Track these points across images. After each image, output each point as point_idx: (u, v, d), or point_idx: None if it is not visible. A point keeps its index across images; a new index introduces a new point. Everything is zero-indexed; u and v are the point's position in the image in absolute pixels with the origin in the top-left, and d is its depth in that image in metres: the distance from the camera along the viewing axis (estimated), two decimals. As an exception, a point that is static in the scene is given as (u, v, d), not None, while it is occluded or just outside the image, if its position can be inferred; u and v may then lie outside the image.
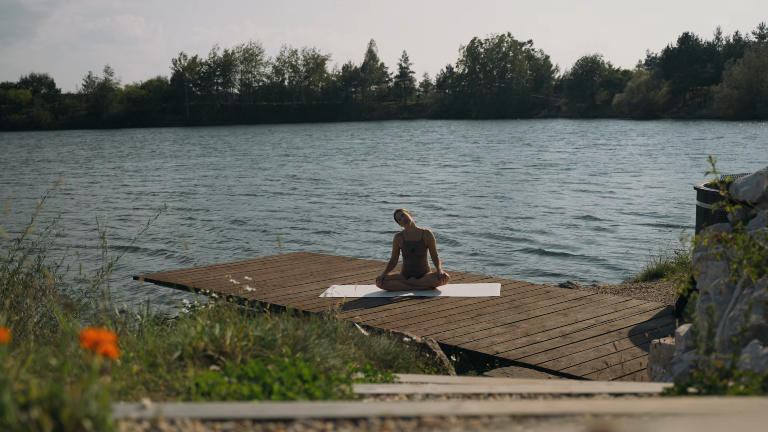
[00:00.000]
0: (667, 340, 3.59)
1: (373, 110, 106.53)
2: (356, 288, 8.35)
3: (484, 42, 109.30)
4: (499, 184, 25.07)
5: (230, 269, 9.82)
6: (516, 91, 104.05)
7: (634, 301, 7.52)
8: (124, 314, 3.60)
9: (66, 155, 46.18)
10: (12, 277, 4.45)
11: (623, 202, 20.03)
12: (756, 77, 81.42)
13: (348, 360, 2.85)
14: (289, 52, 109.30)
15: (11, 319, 4.04)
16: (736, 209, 3.27)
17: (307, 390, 1.98)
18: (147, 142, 59.10)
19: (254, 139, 60.82)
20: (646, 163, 31.96)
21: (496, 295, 7.87)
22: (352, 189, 24.73)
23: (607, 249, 13.90)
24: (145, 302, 3.67)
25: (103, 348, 1.37)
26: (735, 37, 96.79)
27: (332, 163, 35.93)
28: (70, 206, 21.71)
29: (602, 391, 2.08)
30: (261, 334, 2.38)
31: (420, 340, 4.85)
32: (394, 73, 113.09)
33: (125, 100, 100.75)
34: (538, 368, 5.57)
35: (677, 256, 9.42)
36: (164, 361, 2.16)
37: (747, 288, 2.63)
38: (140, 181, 29.40)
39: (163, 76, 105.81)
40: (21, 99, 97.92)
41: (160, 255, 14.29)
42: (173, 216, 19.42)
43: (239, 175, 30.86)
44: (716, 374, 1.97)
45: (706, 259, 3.26)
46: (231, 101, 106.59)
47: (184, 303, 4.14)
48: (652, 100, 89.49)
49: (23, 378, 1.47)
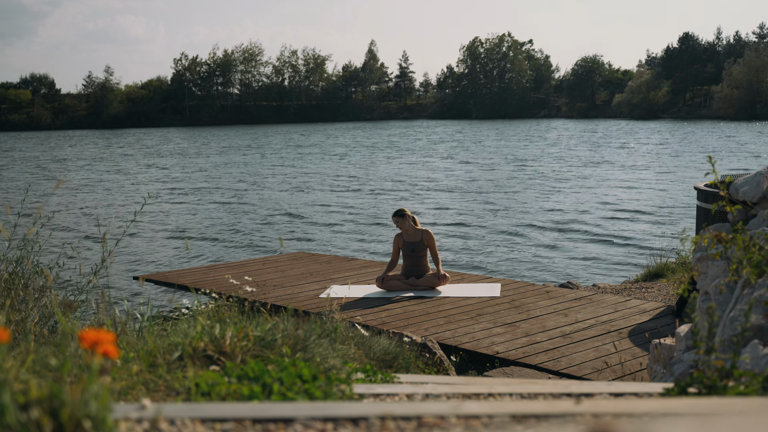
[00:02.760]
0: (668, 341, 3.59)
1: (373, 110, 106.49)
2: (355, 288, 8.35)
3: (485, 42, 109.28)
4: (499, 184, 25.07)
5: (230, 269, 9.83)
6: (516, 91, 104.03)
7: (634, 301, 7.51)
8: (124, 314, 3.60)
9: (70, 155, 46.19)
10: (12, 277, 4.45)
11: (623, 201, 20.03)
12: (756, 77, 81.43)
13: (348, 360, 2.85)
14: (289, 51, 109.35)
15: (11, 319, 4.04)
16: (736, 209, 3.27)
17: (307, 390, 1.98)
18: (158, 142, 59.10)
19: (255, 139, 60.81)
20: (646, 162, 31.96)
21: (496, 295, 7.87)
22: (352, 189, 24.73)
23: (607, 249, 13.90)
24: (145, 302, 3.67)
25: (102, 348, 1.37)
26: (735, 37, 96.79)
27: (332, 162, 35.94)
28: (70, 207, 21.71)
29: (602, 391, 2.08)
30: (261, 334, 2.38)
31: (420, 340, 4.85)
32: (394, 73, 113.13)
33: (125, 100, 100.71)
34: (538, 368, 5.57)
35: (677, 256, 9.42)
36: (164, 361, 2.16)
37: (747, 288, 2.63)
38: (148, 179, 29.41)
39: (163, 76, 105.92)
40: (21, 99, 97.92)
41: (160, 255, 14.30)
42: (173, 216, 19.43)
43: (239, 175, 30.87)
44: (716, 374, 1.97)
45: (706, 259, 3.26)
46: (231, 101, 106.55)
47: (184, 303, 4.15)
48: (652, 100, 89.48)
49: (23, 378, 1.47)
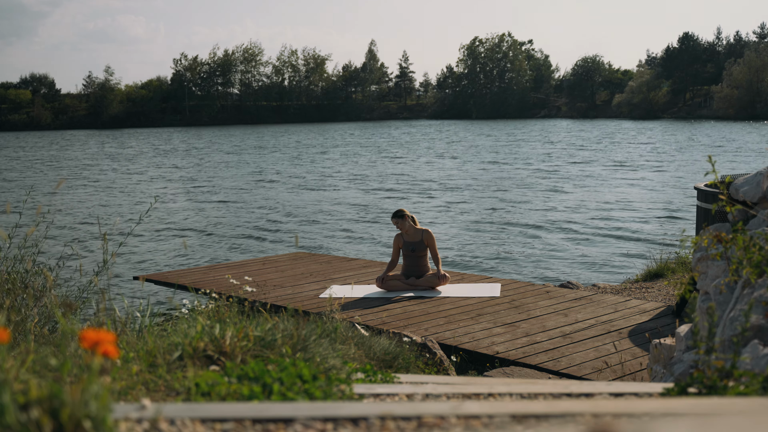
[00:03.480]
0: (668, 341, 3.59)
1: (373, 110, 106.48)
2: (355, 288, 8.35)
3: (485, 41, 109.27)
4: (499, 184, 25.07)
5: (230, 269, 9.83)
6: (516, 91, 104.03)
7: (634, 301, 7.51)
8: (124, 314, 3.60)
9: (71, 155, 46.20)
10: (12, 277, 4.45)
11: (623, 201, 20.03)
12: (756, 77, 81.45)
13: (348, 360, 2.84)
14: (289, 51, 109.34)
15: (11, 319, 4.04)
16: (736, 209, 3.26)
17: (307, 390, 1.98)
18: (158, 142, 59.08)
19: (255, 139, 60.80)
20: (646, 162, 31.96)
21: (496, 295, 7.87)
22: (352, 189, 24.73)
23: (607, 249, 13.90)
24: (145, 302, 3.67)
25: (102, 348, 1.37)
26: (735, 36, 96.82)
27: (332, 162, 35.93)
28: (70, 206, 21.71)
29: (602, 392, 2.08)
30: (261, 334, 2.38)
31: (420, 340, 4.85)
32: (394, 73, 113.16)
33: (125, 100, 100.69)
34: (538, 368, 5.57)
35: (677, 257, 9.42)
36: (164, 361, 2.16)
37: (747, 288, 2.63)
38: (146, 180, 29.40)
39: (163, 76, 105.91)
40: (21, 99, 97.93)
41: (160, 255, 14.29)
42: (173, 216, 19.42)
43: (240, 174, 30.86)
44: (716, 374, 1.97)
45: (706, 259, 3.26)
46: (231, 101, 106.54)
47: (184, 303, 4.15)
48: (652, 100, 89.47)
49: (23, 378, 1.47)
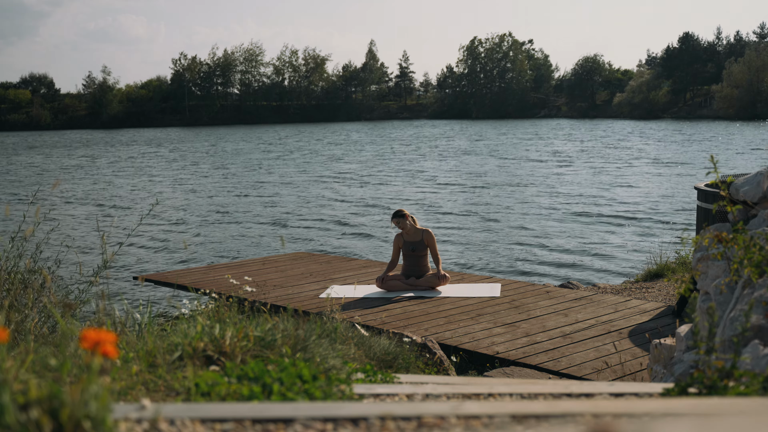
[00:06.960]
0: (668, 341, 3.58)
1: (373, 110, 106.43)
2: (356, 288, 8.35)
3: (485, 41, 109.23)
4: (499, 184, 25.07)
5: (230, 269, 9.82)
6: (516, 91, 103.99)
7: (634, 301, 7.51)
8: (124, 314, 3.59)
9: (72, 155, 46.20)
10: (11, 277, 4.45)
11: (623, 201, 20.03)
12: (756, 77, 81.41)
13: (348, 360, 2.84)
14: (289, 51, 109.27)
15: (11, 319, 4.04)
16: (736, 209, 3.26)
17: (307, 390, 1.97)
18: (159, 142, 59.09)
19: (256, 139, 60.80)
20: (646, 162, 31.96)
21: (496, 295, 7.86)
22: (352, 189, 24.73)
23: (607, 249, 13.89)
24: (145, 302, 3.67)
25: (102, 348, 1.37)
26: (735, 36, 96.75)
27: (332, 162, 35.92)
28: (71, 205, 21.71)
29: (603, 392, 2.08)
30: (261, 334, 2.38)
31: (420, 340, 4.84)
32: (394, 72, 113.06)
33: (125, 100, 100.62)
34: (539, 368, 5.57)
35: (678, 256, 9.42)
36: (164, 361, 2.16)
37: (747, 288, 2.63)
38: (146, 180, 29.41)
39: (163, 76, 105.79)
40: (20, 99, 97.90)
41: (160, 255, 14.29)
42: (173, 216, 19.42)
43: (240, 174, 30.87)
44: (717, 374, 1.97)
45: (706, 259, 3.25)
46: (231, 101, 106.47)
47: (184, 303, 4.14)
48: (652, 100, 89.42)
49: (23, 378, 1.47)
